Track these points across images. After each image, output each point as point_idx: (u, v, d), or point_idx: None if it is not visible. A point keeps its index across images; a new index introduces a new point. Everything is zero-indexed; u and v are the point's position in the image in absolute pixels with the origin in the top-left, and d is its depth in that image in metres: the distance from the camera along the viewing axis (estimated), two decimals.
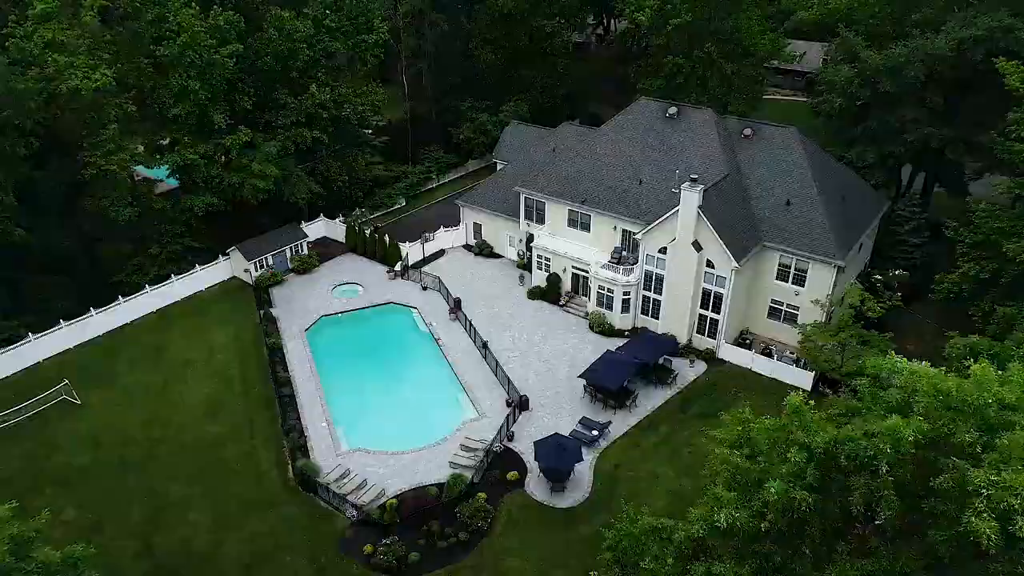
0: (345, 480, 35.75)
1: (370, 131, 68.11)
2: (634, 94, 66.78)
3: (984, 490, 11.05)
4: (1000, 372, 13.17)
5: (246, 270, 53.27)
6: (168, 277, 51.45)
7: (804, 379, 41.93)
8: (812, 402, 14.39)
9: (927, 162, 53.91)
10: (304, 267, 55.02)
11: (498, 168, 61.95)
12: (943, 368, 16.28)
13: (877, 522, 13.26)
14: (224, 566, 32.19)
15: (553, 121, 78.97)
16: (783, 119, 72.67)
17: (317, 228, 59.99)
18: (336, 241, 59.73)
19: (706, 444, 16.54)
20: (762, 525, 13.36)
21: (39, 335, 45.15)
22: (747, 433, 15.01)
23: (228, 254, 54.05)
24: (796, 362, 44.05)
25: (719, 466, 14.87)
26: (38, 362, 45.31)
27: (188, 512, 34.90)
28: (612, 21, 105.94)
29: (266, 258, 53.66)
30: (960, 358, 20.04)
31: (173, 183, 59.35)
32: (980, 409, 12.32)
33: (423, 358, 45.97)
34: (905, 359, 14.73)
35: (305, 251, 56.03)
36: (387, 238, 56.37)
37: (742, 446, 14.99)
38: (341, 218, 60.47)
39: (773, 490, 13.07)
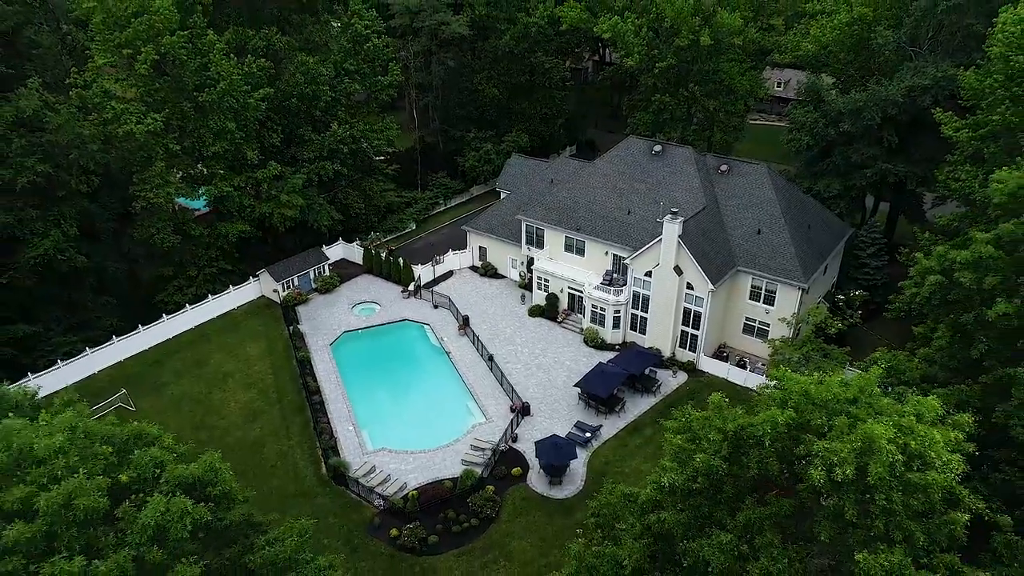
0: (372, 475, 41.37)
1: (382, 157, 74.01)
2: (627, 121, 73.05)
3: (820, 453, 16.74)
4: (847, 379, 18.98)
5: (275, 290, 59.02)
6: (205, 297, 57.23)
7: None
8: (728, 399, 20.22)
9: (887, 193, 59.84)
10: (326, 287, 60.79)
11: (501, 196, 67.83)
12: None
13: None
14: None
15: (552, 148, 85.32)
16: (768, 143, 78.48)
17: (336, 251, 65.80)
18: (354, 263, 65.57)
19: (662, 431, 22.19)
20: (694, 485, 19.11)
21: (95, 349, 50.86)
22: (688, 423, 20.74)
23: (258, 276, 59.83)
24: (766, 373, 49.70)
25: (668, 446, 20.61)
26: (93, 373, 50.94)
27: None
28: (607, 51, 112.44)
29: (292, 279, 59.43)
30: (865, 368, 25.72)
31: (202, 207, 65.17)
32: (827, 403, 18.04)
33: (436, 369, 51.61)
34: (789, 370, 20.41)
35: (327, 272, 61.83)
36: (401, 260, 62.20)
37: (684, 432, 20.70)
38: (358, 241, 66.36)
39: (699, 460, 18.82)
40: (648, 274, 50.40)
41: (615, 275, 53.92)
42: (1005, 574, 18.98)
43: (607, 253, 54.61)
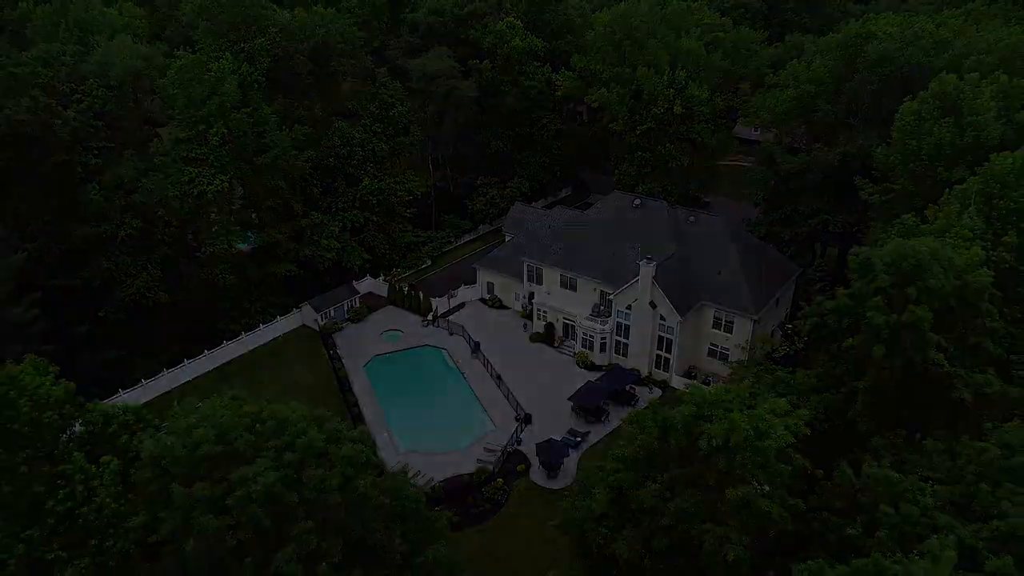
0: (405, 471, 51.61)
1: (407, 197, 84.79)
2: (618, 164, 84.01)
3: (706, 431, 27.12)
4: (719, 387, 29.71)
5: (315, 320, 69.64)
6: (256, 326, 67.79)
7: None
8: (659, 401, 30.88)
9: (830, 238, 70.87)
10: (357, 317, 71.40)
11: (506, 239, 78.73)
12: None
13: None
14: None
15: (550, 189, 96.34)
16: (744, 184, 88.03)
17: (365, 285, 76.38)
18: (380, 296, 76.19)
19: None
20: (637, 456, 29.60)
21: (171, 369, 61.35)
22: (636, 416, 31.32)
23: (300, 308, 70.48)
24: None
25: (623, 431, 31.15)
26: (169, 391, 61.23)
27: None
28: None
29: (329, 311, 70.04)
30: (771, 385, 36.57)
31: (246, 246, 75.69)
32: (715, 403, 28.63)
33: (453, 386, 62.08)
34: (701, 384, 31.02)
35: (358, 304, 72.48)
36: (420, 293, 72.90)
37: (634, 422, 31.25)
38: (383, 277, 77.11)
39: (640, 439, 29.37)
40: (629, 307, 61.05)
41: (602, 308, 64.58)
42: (816, 502, 29.60)
43: (595, 289, 65.29)
